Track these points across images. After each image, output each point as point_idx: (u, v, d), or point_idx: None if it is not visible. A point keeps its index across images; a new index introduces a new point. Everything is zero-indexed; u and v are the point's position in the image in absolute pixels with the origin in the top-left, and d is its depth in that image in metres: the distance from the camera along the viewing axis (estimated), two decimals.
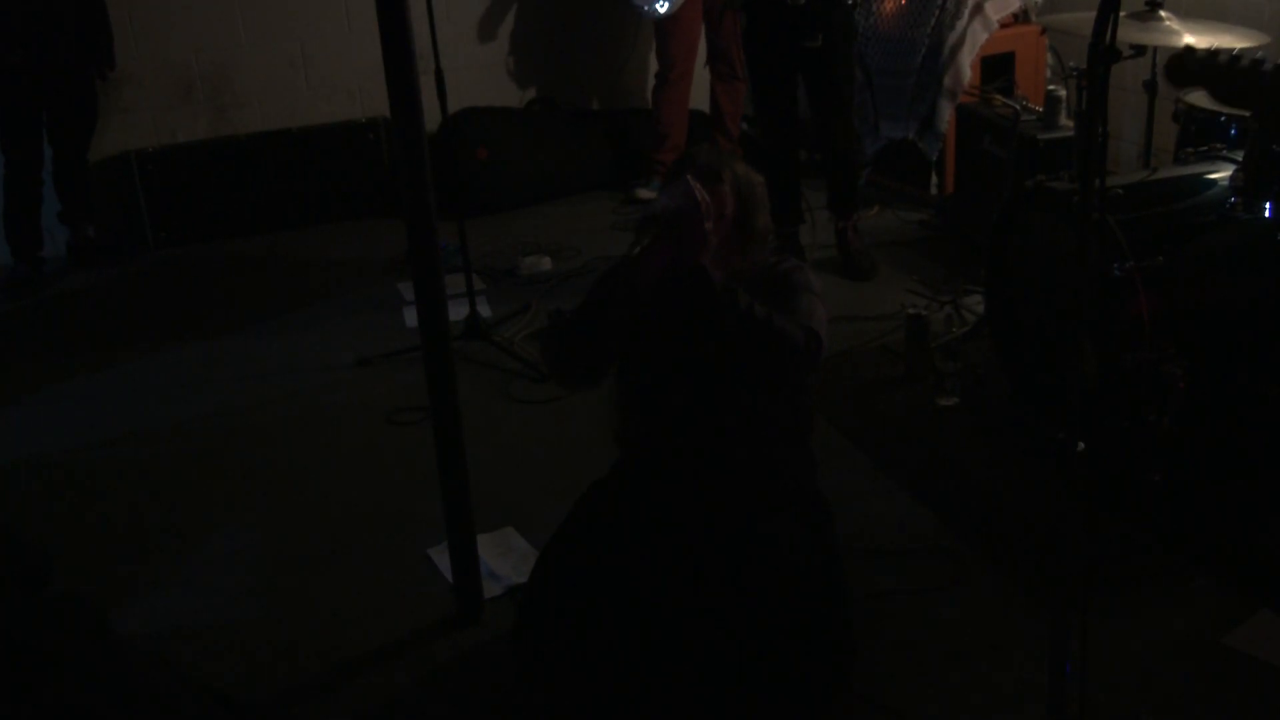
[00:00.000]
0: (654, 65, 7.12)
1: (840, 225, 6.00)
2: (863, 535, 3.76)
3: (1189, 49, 2.61)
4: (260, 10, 6.87)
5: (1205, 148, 4.23)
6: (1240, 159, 3.87)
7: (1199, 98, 4.46)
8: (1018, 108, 5.60)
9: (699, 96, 7.21)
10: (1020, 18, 6.23)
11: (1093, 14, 2.06)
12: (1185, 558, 3.61)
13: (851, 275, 5.87)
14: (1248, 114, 3.78)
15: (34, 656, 0.66)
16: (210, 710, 0.73)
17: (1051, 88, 5.56)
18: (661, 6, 6.60)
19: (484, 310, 5.50)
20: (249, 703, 3.20)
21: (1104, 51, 1.99)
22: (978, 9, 6.01)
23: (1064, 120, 5.39)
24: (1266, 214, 3.72)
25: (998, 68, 6.18)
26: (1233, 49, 2.62)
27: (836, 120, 5.78)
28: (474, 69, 7.20)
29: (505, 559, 3.80)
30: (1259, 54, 2.60)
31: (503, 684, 3.27)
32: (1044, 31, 6.15)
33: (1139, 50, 4.47)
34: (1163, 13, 4.10)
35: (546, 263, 6.23)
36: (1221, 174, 3.99)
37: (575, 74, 7.61)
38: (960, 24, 5.99)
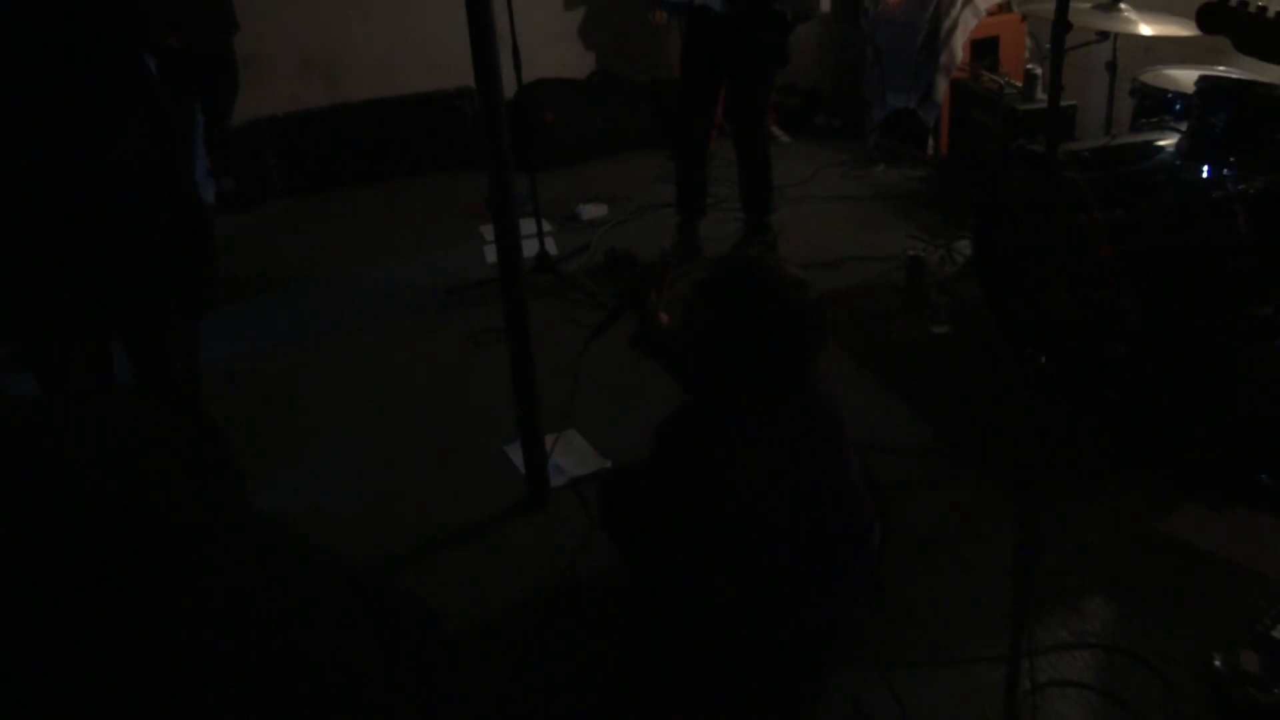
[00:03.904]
0: None
1: (753, 223, 5.54)
2: (870, 440, 3.77)
3: None
4: None
5: (1156, 119, 4.20)
6: (1184, 129, 3.86)
7: (1153, 76, 4.41)
8: (1002, 83, 5.56)
9: None
10: (1004, 7, 6.17)
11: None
12: (1133, 459, 3.62)
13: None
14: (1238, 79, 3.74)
15: (189, 535, 0.67)
16: (337, 577, 0.75)
17: (1029, 66, 5.52)
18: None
19: (551, 249, 5.49)
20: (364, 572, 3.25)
21: (1062, 25, 2.00)
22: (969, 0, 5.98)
23: (1040, 94, 5.33)
24: (1205, 174, 3.75)
25: (985, 49, 6.10)
26: (1260, 2, 2.55)
27: (749, 137, 5.37)
28: (544, 46, 7.14)
29: (568, 455, 3.83)
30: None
31: (563, 555, 3.32)
32: (1024, 19, 6.11)
33: (1103, 35, 4.44)
34: (1122, 4, 4.06)
35: (604, 209, 6.23)
36: (1169, 141, 3.96)
37: (630, 50, 7.55)
38: (954, 11, 5.94)
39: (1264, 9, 2.52)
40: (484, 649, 2.98)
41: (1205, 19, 2.56)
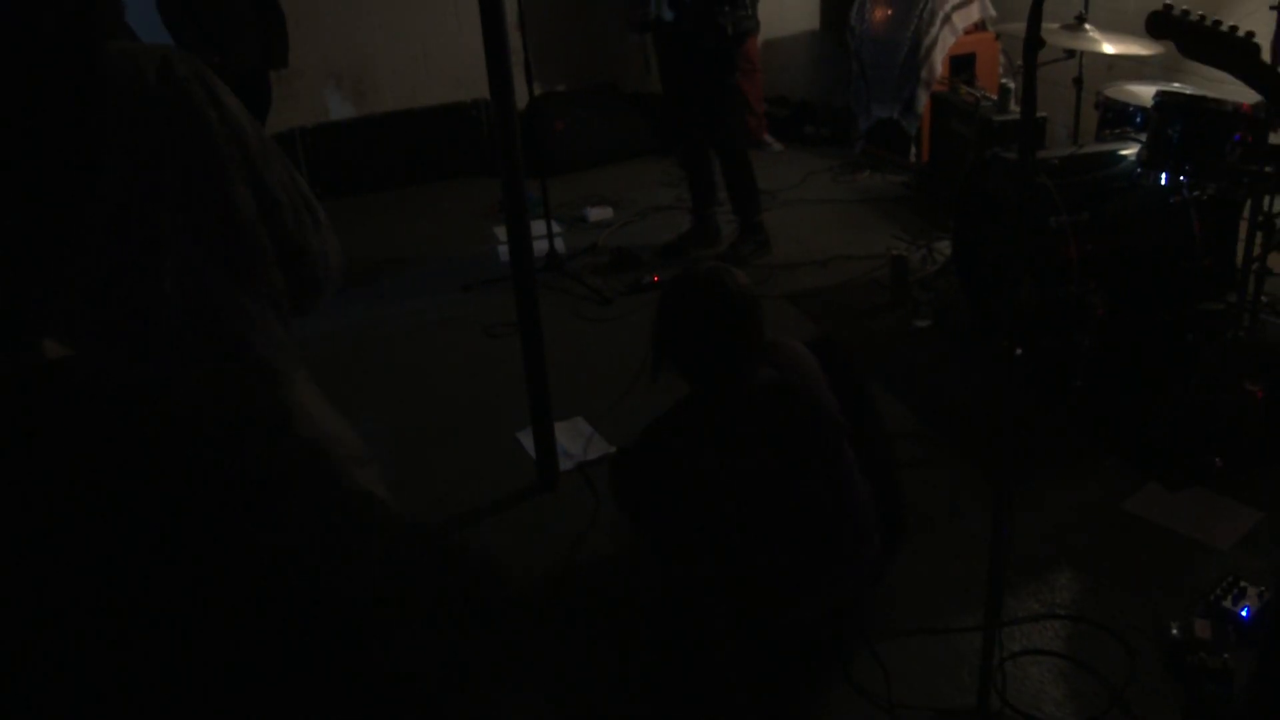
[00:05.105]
0: None
1: (744, 224, 5.42)
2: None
3: (1168, 6, 2.54)
4: (392, 17, 6.83)
5: (1119, 130, 4.20)
6: (1144, 139, 3.85)
7: (1115, 91, 4.40)
8: (978, 96, 5.53)
9: None
10: (980, 26, 6.15)
11: None
12: (1097, 443, 3.61)
13: (727, 257, 5.22)
14: (1181, 89, 3.73)
15: (273, 492, 0.68)
16: (401, 527, 0.75)
17: (1003, 80, 5.50)
18: None
19: (560, 248, 5.49)
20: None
21: (1034, 40, 1.99)
22: (947, 19, 5.96)
23: (1012, 106, 5.31)
24: (1163, 181, 3.73)
25: (963, 65, 6.08)
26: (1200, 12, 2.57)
27: (718, 143, 5.25)
28: (554, 61, 7.13)
29: (576, 441, 3.83)
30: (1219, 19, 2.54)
31: (571, 534, 3.32)
32: (998, 37, 6.10)
33: (1070, 53, 4.42)
34: (1087, 25, 4.06)
35: (609, 211, 6.21)
36: (1130, 150, 3.95)
37: (633, 65, 7.53)
38: (934, 30, 5.92)
39: (1203, 17, 2.52)
40: None
41: (1153, 25, 2.56)
